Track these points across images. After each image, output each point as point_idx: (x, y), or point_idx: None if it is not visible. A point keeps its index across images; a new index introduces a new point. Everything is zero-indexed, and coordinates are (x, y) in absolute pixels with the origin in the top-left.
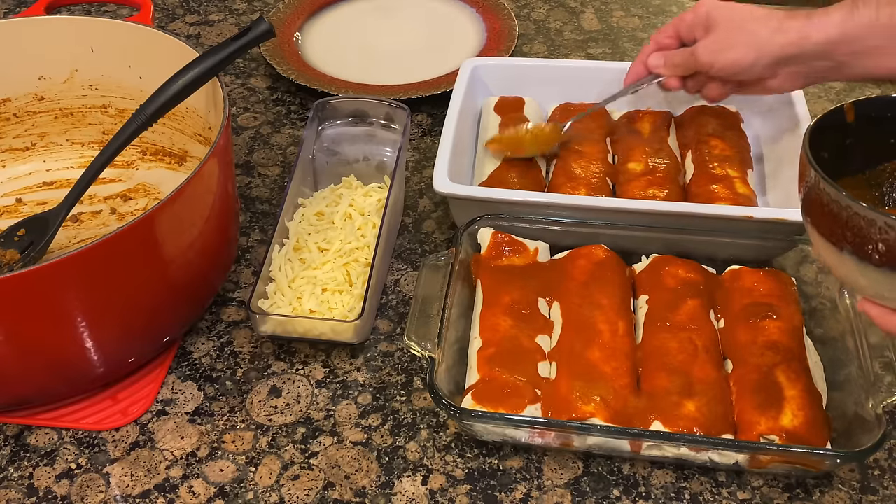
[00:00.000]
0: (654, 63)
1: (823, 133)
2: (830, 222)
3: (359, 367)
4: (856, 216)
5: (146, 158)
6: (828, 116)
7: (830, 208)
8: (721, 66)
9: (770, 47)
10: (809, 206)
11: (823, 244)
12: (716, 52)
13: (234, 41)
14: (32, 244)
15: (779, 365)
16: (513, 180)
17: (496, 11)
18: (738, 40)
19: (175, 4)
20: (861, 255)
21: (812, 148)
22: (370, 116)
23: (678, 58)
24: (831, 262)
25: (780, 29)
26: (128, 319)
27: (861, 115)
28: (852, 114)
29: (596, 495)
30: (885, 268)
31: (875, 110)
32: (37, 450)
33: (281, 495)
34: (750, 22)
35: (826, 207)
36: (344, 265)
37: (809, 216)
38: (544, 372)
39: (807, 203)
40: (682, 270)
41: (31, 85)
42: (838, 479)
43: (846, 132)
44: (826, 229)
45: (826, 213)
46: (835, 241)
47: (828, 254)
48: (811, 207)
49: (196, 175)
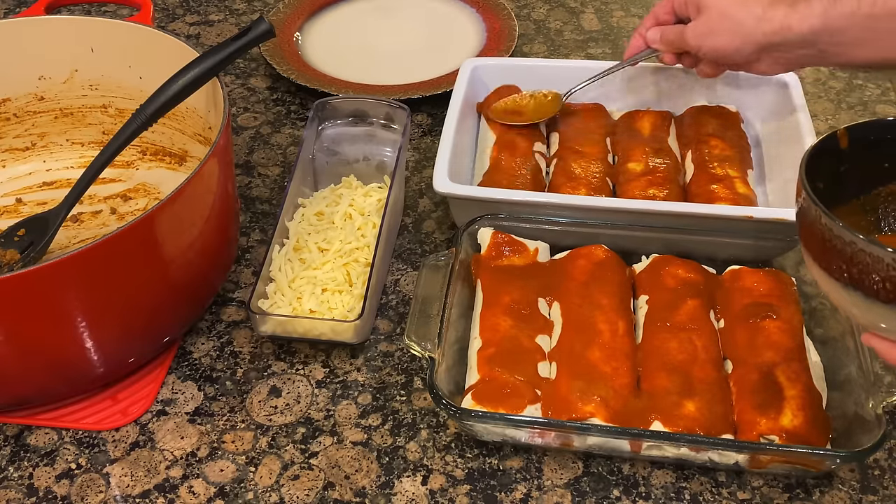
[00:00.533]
0: (652, 37)
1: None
2: (833, 258)
3: (359, 367)
4: (861, 253)
5: (146, 158)
6: (821, 144)
7: (833, 244)
8: (706, 50)
9: (754, 35)
10: (810, 241)
11: (825, 279)
12: (702, 37)
13: (234, 41)
14: (32, 244)
15: (779, 365)
16: (510, 167)
17: (496, 11)
18: (723, 27)
19: (175, 4)
20: (866, 291)
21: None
22: (370, 116)
23: (671, 35)
24: (834, 296)
25: (764, 17)
26: (128, 319)
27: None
28: (846, 139)
29: (596, 495)
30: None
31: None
32: (37, 450)
33: (281, 495)
34: (735, 8)
35: (828, 243)
36: (344, 265)
37: (810, 252)
38: (544, 372)
39: (807, 237)
40: (682, 270)
41: (31, 85)
42: (838, 479)
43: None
44: (828, 264)
45: (828, 248)
46: (838, 276)
47: (830, 288)
48: (812, 243)
49: (196, 175)
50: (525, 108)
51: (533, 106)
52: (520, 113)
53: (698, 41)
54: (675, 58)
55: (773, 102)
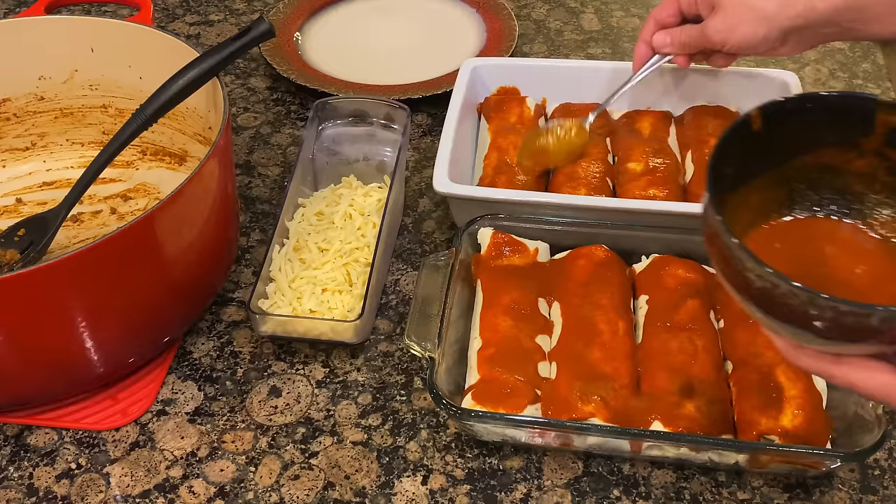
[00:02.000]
0: (661, 42)
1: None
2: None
3: (359, 367)
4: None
5: (146, 158)
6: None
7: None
8: (731, 44)
9: (778, 21)
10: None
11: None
12: (725, 31)
13: (234, 41)
14: (32, 244)
15: (779, 365)
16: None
17: (496, 11)
18: (747, 17)
19: (175, 4)
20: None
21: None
22: (370, 116)
23: (685, 36)
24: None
25: (787, 2)
26: (128, 319)
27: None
28: (759, 121)
29: (596, 495)
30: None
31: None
32: (37, 450)
33: (281, 495)
34: None
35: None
36: (344, 265)
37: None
38: (544, 372)
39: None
40: (682, 270)
41: (31, 85)
42: (838, 479)
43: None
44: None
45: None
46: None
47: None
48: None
49: (196, 175)
50: (548, 147)
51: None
52: (545, 152)
53: (722, 36)
54: (688, 60)
55: None
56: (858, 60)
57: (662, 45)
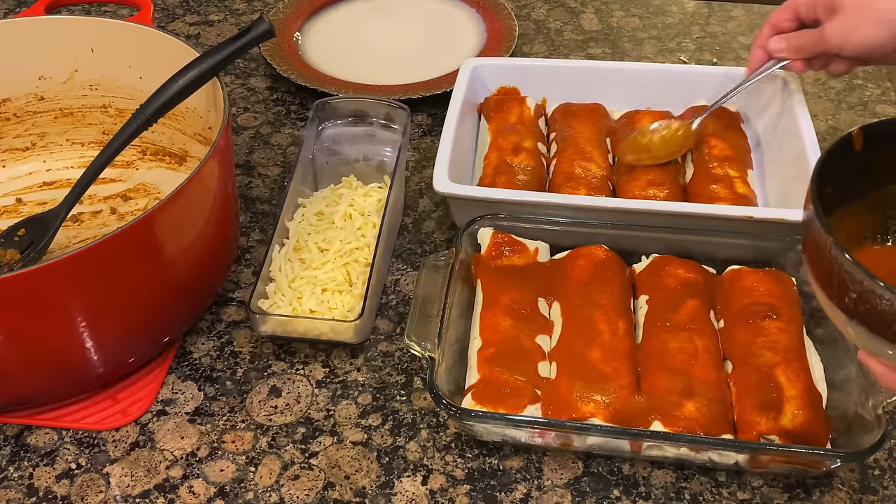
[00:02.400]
0: (776, 47)
1: (829, 165)
2: (837, 287)
3: (359, 367)
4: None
5: (146, 158)
6: (834, 148)
7: (841, 277)
8: (851, 47)
9: None
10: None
11: (825, 299)
12: (845, 35)
13: (234, 41)
14: (32, 244)
15: (779, 365)
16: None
17: (496, 11)
18: (868, 19)
19: (175, 4)
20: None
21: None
22: (370, 116)
23: (802, 40)
24: (831, 314)
25: None
26: (128, 319)
27: (869, 139)
28: (861, 141)
29: (596, 495)
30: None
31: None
32: (37, 450)
33: (281, 495)
34: (876, 0)
35: (837, 275)
36: (344, 265)
37: (813, 272)
38: (544, 372)
39: (812, 259)
40: (682, 270)
41: (31, 85)
42: (838, 479)
43: (853, 159)
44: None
45: (835, 278)
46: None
47: (828, 307)
48: (815, 264)
49: (196, 175)
50: (652, 145)
51: (661, 144)
52: (649, 150)
53: (842, 39)
54: (805, 64)
55: (773, 102)
56: None
57: (778, 50)
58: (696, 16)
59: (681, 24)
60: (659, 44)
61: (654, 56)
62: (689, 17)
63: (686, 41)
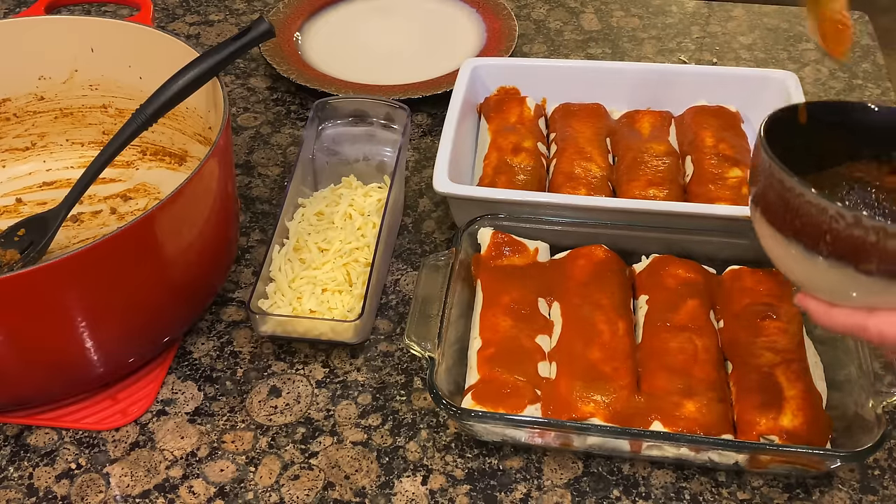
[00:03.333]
0: None
1: (777, 129)
2: (781, 210)
3: (359, 367)
4: (807, 204)
5: (146, 158)
6: (782, 112)
7: (783, 196)
8: None
9: None
10: (760, 195)
11: (771, 234)
12: None
13: (234, 41)
14: (32, 244)
15: (779, 365)
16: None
17: (496, 11)
18: None
19: (175, 4)
20: (808, 245)
21: (767, 141)
22: (370, 116)
23: None
24: (777, 253)
25: None
26: (128, 319)
27: (813, 117)
28: (805, 115)
29: (596, 495)
30: (832, 259)
31: (827, 114)
32: (37, 450)
33: (281, 495)
34: None
35: (778, 195)
36: (344, 265)
37: (758, 204)
38: (544, 372)
39: (757, 191)
40: (682, 270)
41: (31, 85)
42: (838, 479)
43: (797, 133)
44: (775, 217)
45: (777, 200)
46: (783, 230)
47: (774, 244)
48: (761, 195)
49: (196, 175)
50: None
51: None
52: None
53: None
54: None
55: (773, 102)
56: (858, 60)
57: None
58: (696, 16)
59: (681, 24)
60: (659, 44)
61: (654, 56)
62: (689, 17)
63: (686, 41)
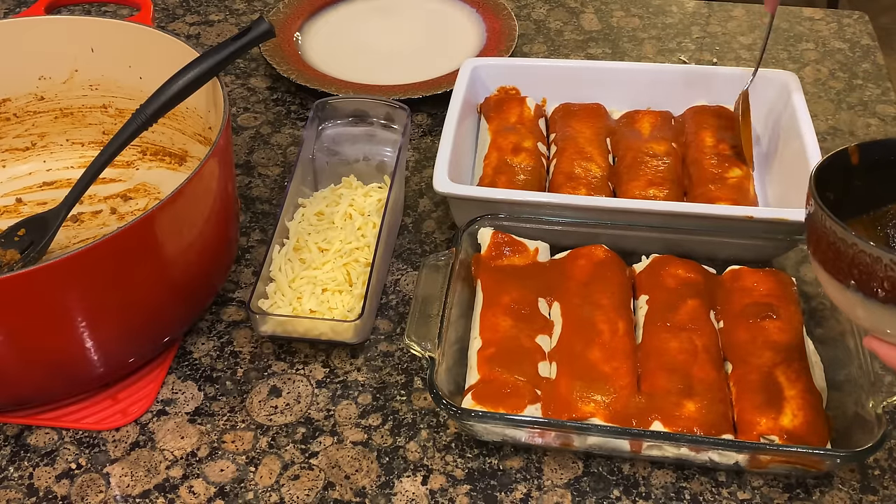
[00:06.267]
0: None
1: (828, 173)
2: (836, 260)
3: (359, 367)
4: (861, 254)
5: (146, 158)
6: (833, 158)
7: (836, 246)
8: None
9: None
10: (816, 244)
11: (830, 281)
12: None
13: (234, 41)
14: (32, 244)
15: (779, 365)
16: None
17: (496, 11)
18: None
19: (175, 4)
20: (866, 291)
21: (818, 188)
22: (370, 116)
23: None
24: (837, 299)
25: None
26: (128, 319)
27: (865, 157)
28: (857, 156)
29: (596, 495)
30: (891, 304)
31: (879, 153)
32: (37, 450)
33: (281, 495)
34: None
35: (832, 246)
36: (344, 265)
37: (815, 254)
38: (544, 372)
39: (813, 241)
40: (682, 270)
41: (31, 85)
42: (838, 479)
43: (851, 174)
44: (832, 267)
45: (832, 250)
46: (841, 278)
47: (834, 291)
48: (817, 245)
49: (196, 175)
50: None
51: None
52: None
53: None
54: None
55: (773, 102)
56: (858, 60)
57: None
58: (696, 16)
59: (681, 24)
60: (659, 44)
61: (654, 56)
62: (689, 17)
63: (686, 41)
